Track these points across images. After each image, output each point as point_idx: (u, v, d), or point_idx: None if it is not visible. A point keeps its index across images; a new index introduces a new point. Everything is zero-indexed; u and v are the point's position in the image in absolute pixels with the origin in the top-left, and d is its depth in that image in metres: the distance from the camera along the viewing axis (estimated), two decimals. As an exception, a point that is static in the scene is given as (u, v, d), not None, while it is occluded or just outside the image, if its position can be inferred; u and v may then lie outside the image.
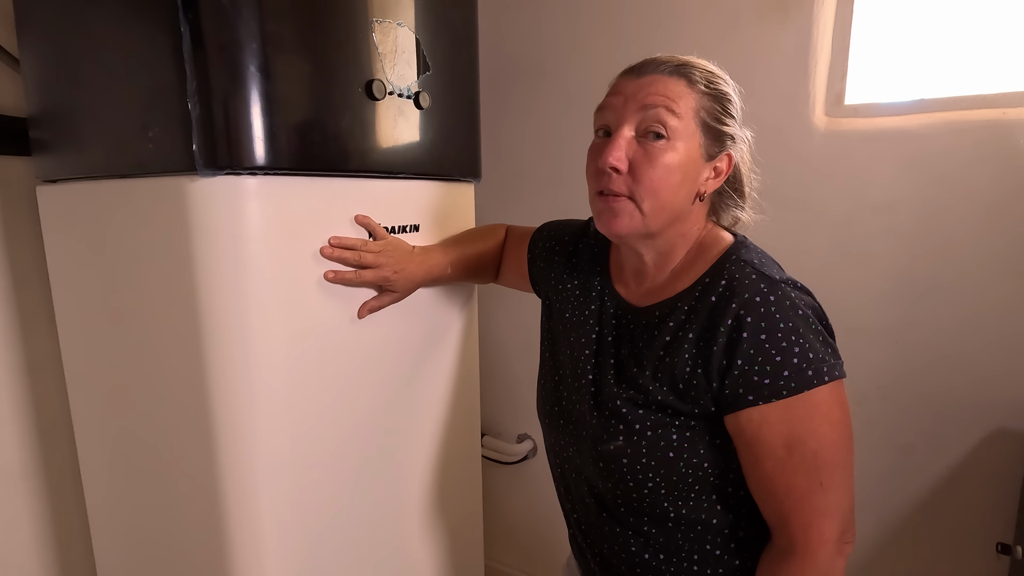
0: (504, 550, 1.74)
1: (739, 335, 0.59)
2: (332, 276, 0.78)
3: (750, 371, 0.58)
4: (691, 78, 0.62)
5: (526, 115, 1.47)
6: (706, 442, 0.63)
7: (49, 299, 0.94)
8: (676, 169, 0.62)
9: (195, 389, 0.74)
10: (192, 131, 0.65)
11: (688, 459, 0.63)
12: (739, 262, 0.64)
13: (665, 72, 0.62)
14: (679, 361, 0.62)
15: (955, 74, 1.06)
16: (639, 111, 0.62)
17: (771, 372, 0.57)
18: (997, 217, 1.03)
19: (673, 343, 0.64)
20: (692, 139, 0.62)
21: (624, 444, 0.65)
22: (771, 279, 0.61)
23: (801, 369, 0.57)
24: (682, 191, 0.64)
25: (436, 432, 1.03)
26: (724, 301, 0.61)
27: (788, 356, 0.57)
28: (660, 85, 0.62)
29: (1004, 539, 1.07)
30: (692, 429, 0.63)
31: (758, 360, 0.58)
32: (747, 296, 0.60)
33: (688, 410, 0.63)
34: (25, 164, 0.96)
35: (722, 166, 0.66)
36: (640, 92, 0.62)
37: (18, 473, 1.01)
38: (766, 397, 0.57)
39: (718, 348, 0.60)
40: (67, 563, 1.08)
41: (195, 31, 0.63)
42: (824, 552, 0.60)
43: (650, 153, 0.62)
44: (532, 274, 0.89)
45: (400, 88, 0.84)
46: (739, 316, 0.59)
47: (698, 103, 0.62)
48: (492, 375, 1.62)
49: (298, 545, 0.81)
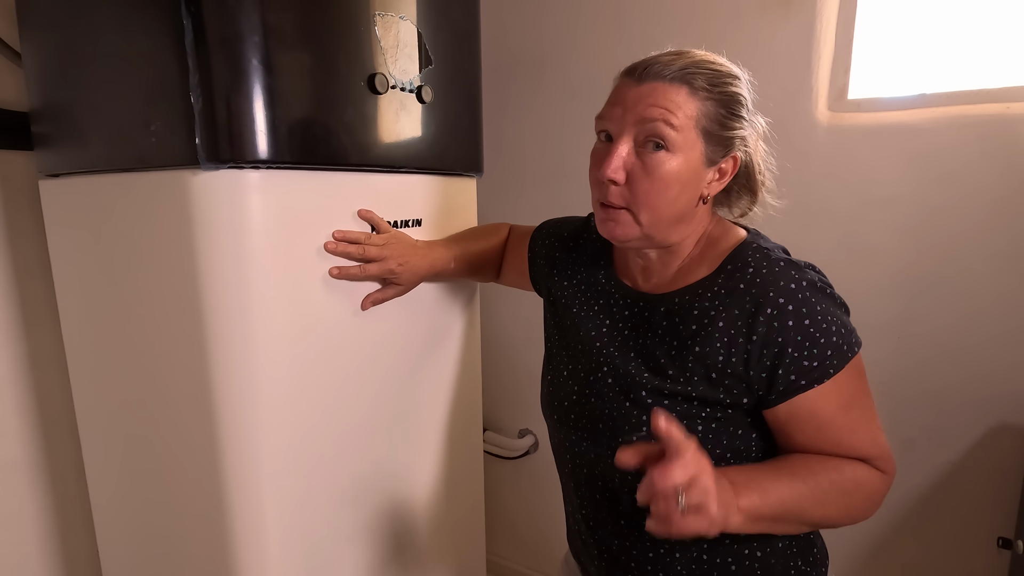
0: (505, 545, 1.74)
1: (784, 323, 0.60)
2: (336, 272, 0.78)
3: (800, 357, 0.60)
4: (693, 84, 0.61)
5: (527, 110, 1.46)
6: (729, 433, 0.64)
7: (52, 293, 0.94)
8: (674, 181, 0.62)
9: (198, 382, 0.74)
10: (195, 125, 0.65)
11: (711, 450, 0.63)
12: (761, 250, 0.65)
13: (666, 79, 0.61)
14: (711, 351, 0.63)
15: (959, 68, 1.05)
16: (638, 123, 0.61)
17: (818, 355, 0.60)
18: (1000, 212, 1.02)
19: (702, 331, 0.64)
20: (693, 149, 0.62)
21: (648, 436, 0.65)
22: (797, 264, 0.64)
23: (839, 346, 0.60)
24: (682, 200, 0.64)
25: (438, 427, 1.03)
26: (757, 288, 0.62)
27: (829, 336, 0.60)
28: (659, 95, 0.60)
29: (1005, 533, 1.07)
30: (717, 420, 0.64)
31: (805, 345, 0.60)
32: (783, 283, 0.61)
33: (718, 400, 0.63)
34: (27, 159, 0.96)
35: (727, 167, 0.65)
36: (639, 104, 0.61)
37: (22, 466, 1.01)
38: (818, 379, 0.60)
39: (759, 337, 0.61)
40: (70, 556, 1.09)
41: (197, 24, 0.63)
42: (892, 479, 0.65)
43: (648, 165, 0.61)
44: (532, 272, 0.89)
45: (402, 82, 0.84)
46: (780, 304, 0.60)
47: (700, 111, 0.61)
48: (494, 370, 1.62)
49: (300, 537, 0.81)
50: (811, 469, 0.61)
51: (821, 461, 0.62)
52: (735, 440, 0.64)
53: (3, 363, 0.98)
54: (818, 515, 0.61)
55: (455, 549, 1.11)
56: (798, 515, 0.60)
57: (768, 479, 0.59)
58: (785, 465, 0.62)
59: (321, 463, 0.82)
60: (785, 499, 0.59)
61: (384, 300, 0.85)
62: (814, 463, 0.62)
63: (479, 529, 1.19)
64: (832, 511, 0.62)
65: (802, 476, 0.60)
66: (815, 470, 0.61)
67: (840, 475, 0.61)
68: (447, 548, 1.09)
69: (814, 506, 0.60)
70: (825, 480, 0.61)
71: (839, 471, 0.61)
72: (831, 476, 0.61)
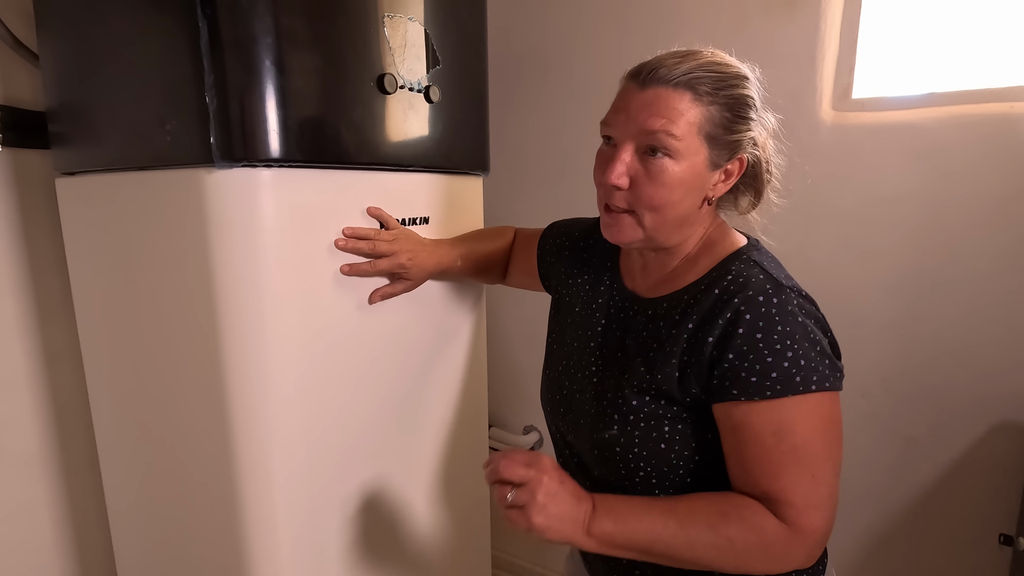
0: (510, 540, 1.76)
1: (734, 329, 0.59)
2: (347, 270, 0.80)
3: (739, 366, 0.58)
4: (697, 89, 0.60)
5: (532, 109, 1.47)
6: (698, 435, 0.64)
7: (67, 289, 0.96)
8: (677, 186, 0.62)
9: (210, 377, 0.76)
10: (209, 124, 0.67)
11: (679, 451, 0.64)
12: (749, 261, 0.65)
13: (670, 84, 0.60)
14: (677, 350, 0.63)
15: (963, 68, 1.06)
16: (639, 132, 0.61)
17: (759, 371, 0.58)
18: (1004, 211, 1.03)
19: (674, 333, 0.65)
20: (696, 155, 0.62)
21: (618, 433, 0.66)
22: (777, 282, 0.61)
23: (790, 375, 0.57)
24: (686, 203, 0.64)
25: (445, 423, 1.04)
26: (727, 295, 0.61)
27: (779, 359, 0.57)
28: (661, 104, 0.60)
29: (1006, 530, 1.08)
30: (684, 422, 0.64)
31: (748, 357, 0.58)
32: (751, 293, 0.60)
33: (682, 399, 0.64)
34: (43, 157, 0.98)
35: (732, 169, 0.66)
36: (642, 112, 0.61)
37: (37, 459, 1.03)
38: (750, 394, 0.58)
39: (713, 338, 0.60)
40: (84, 547, 1.11)
41: (212, 26, 0.65)
42: (812, 541, 0.59)
43: (651, 171, 0.62)
44: (542, 269, 0.90)
45: (410, 82, 0.85)
46: (738, 311, 0.59)
47: (703, 117, 0.61)
48: (499, 368, 1.63)
49: (310, 531, 0.83)
50: (694, 512, 0.59)
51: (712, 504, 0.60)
52: (703, 444, 0.64)
53: (19, 358, 1.00)
54: (688, 556, 0.59)
55: (461, 542, 1.12)
56: (664, 552, 0.59)
57: (636, 513, 0.59)
58: (670, 503, 0.61)
59: (331, 456, 0.84)
60: (646, 534, 0.58)
61: (393, 295, 0.86)
62: (702, 508, 0.60)
63: (485, 524, 1.20)
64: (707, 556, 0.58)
65: (679, 516, 0.59)
66: (697, 514, 0.59)
67: (726, 525, 0.58)
68: (453, 541, 1.10)
69: (684, 548, 0.58)
70: (703, 525, 0.58)
71: (725, 520, 0.58)
72: (714, 523, 0.58)
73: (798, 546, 0.59)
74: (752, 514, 0.59)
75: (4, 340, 0.97)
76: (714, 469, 0.65)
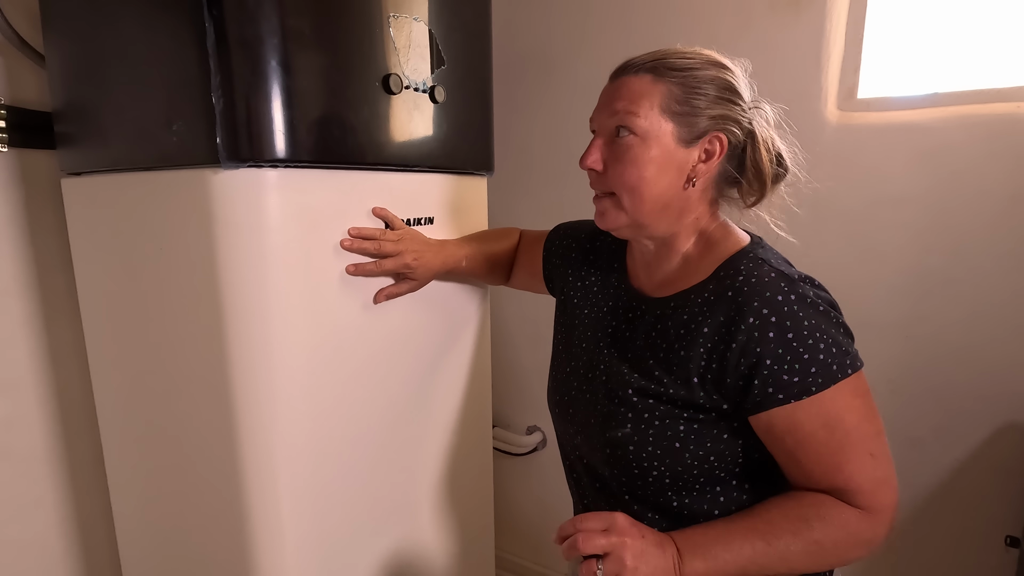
0: (513, 540, 1.76)
1: (764, 334, 0.59)
2: (353, 270, 0.80)
3: (779, 371, 0.58)
4: (657, 71, 0.64)
5: (535, 109, 1.47)
6: (713, 436, 0.64)
7: (72, 288, 0.96)
8: (647, 162, 0.64)
9: (216, 377, 0.76)
10: (216, 124, 0.67)
11: (694, 451, 0.64)
12: (756, 259, 0.65)
13: (633, 72, 0.66)
14: (694, 355, 0.63)
15: (968, 68, 1.06)
16: (610, 116, 0.66)
17: (800, 370, 0.58)
18: (1009, 212, 1.02)
19: (687, 336, 0.64)
20: (660, 130, 0.64)
21: (632, 432, 0.66)
22: (790, 277, 0.62)
23: (827, 365, 0.58)
24: (662, 182, 0.65)
25: (449, 423, 1.04)
26: (743, 297, 0.61)
27: (815, 353, 0.58)
28: (624, 88, 0.65)
29: (1012, 532, 1.07)
30: (700, 422, 0.64)
31: (786, 359, 0.58)
32: (769, 295, 0.60)
33: (698, 404, 0.63)
34: (49, 157, 0.98)
35: (713, 148, 0.65)
36: (611, 99, 0.67)
37: (42, 458, 1.04)
38: (797, 395, 0.58)
39: (737, 345, 0.60)
40: (89, 545, 1.11)
41: (219, 27, 0.65)
42: (888, 517, 0.61)
43: (617, 152, 0.66)
44: (547, 271, 0.90)
45: (416, 82, 0.85)
46: (762, 315, 0.59)
47: (663, 93, 0.64)
48: (502, 368, 1.64)
49: (314, 530, 0.83)
50: (774, 525, 0.59)
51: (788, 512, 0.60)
52: (719, 444, 0.64)
53: (24, 356, 1.00)
54: (784, 569, 0.59)
55: (465, 543, 1.12)
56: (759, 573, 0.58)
57: (720, 543, 0.59)
58: (747, 522, 0.61)
59: (336, 456, 0.84)
60: (737, 561, 0.58)
61: (398, 294, 0.86)
62: (780, 518, 0.60)
63: (488, 524, 1.20)
64: (801, 564, 0.59)
65: (762, 533, 0.59)
66: (779, 526, 0.59)
67: (810, 529, 0.58)
68: (457, 541, 1.10)
69: (777, 563, 0.58)
70: (789, 536, 0.58)
71: (807, 525, 0.59)
72: (798, 530, 0.58)
73: (879, 526, 0.60)
74: (829, 510, 0.59)
75: (10, 340, 0.98)
76: (728, 471, 0.65)
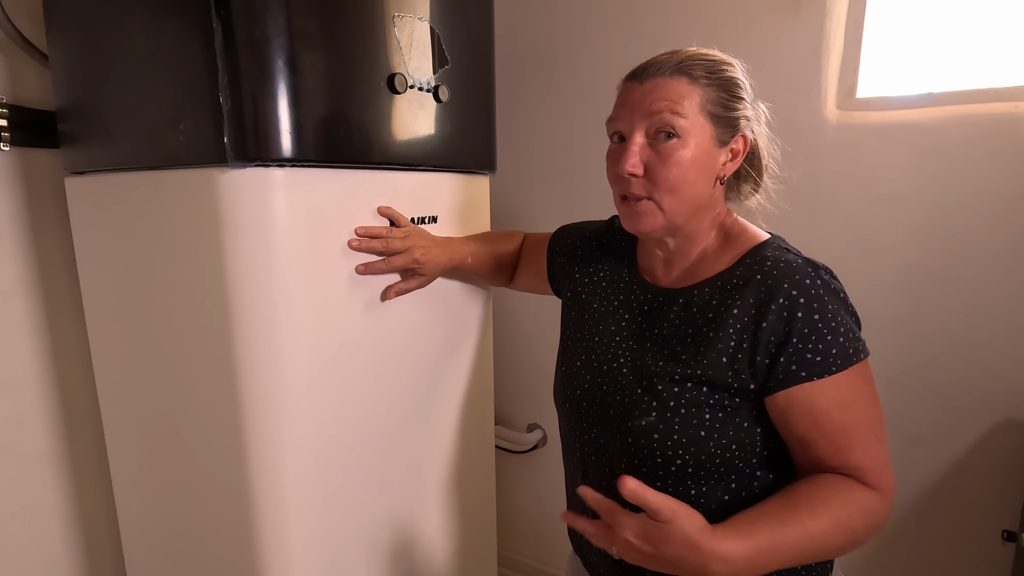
0: (514, 538, 1.77)
1: (793, 314, 0.62)
2: (363, 269, 0.81)
3: (804, 349, 0.61)
4: (692, 74, 0.65)
5: (538, 108, 1.48)
6: (735, 424, 0.66)
7: (76, 287, 0.96)
8: (691, 165, 0.65)
9: (223, 377, 0.76)
10: (223, 124, 0.67)
11: (718, 439, 0.65)
12: (782, 249, 0.68)
13: (666, 74, 0.65)
14: (724, 335, 0.65)
15: (968, 67, 1.06)
16: (646, 118, 0.65)
17: (823, 350, 0.61)
18: (1008, 210, 1.03)
19: (716, 319, 0.66)
20: (703, 132, 0.65)
21: (656, 419, 0.67)
22: (815, 264, 0.66)
23: (844, 348, 0.61)
24: (700, 182, 0.67)
25: (452, 421, 1.05)
26: (772, 279, 0.64)
27: (836, 336, 0.61)
28: (662, 89, 0.65)
29: (1009, 527, 1.09)
30: (725, 410, 0.65)
31: (811, 339, 0.61)
32: (798, 278, 0.63)
33: (726, 384, 0.65)
34: (52, 156, 0.98)
35: (738, 147, 0.69)
36: (645, 100, 0.65)
37: (46, 458, 1.04)
38: (819, 373, 0.61)
39: (768, 324, 0.62)
40: (93, 545, 1.11)
41: (227, 27, 0.65)
42: (892, 498, 0.64)
43: (663, 154, 0.65)
44: (551, 271, 0.91)
45: (420, 82, 0.85)
46: (791, 296, 0.62)
47: (703, 96, 0.65)
48: (503, 366, 1.64)
49: (320, 527, 0.83)
50: (810, 504, 0.60)
51: (816, 492, 0.61)
52: (740, 432, 0.66)
53: (28, 355, 1.00)
54: (811, 546, 0.59)
55: (467, 540, 1.13)
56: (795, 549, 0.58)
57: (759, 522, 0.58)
58: (780, 502, 0.61)
59: (342, 454, 0.84)
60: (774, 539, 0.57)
61: (407, 291, 0.87)
62: (807, 497, 0.60)
63: (491, 521, 1.21)
64: (831, 543, 0.60)
65: (796, 511, 0.59)
66: (813, 506, 0.59)
67: (839, 507, 0.60)
68: (460, 540, 1.11)
69: (805, 540, 0.58)
70: (822, 515, 0.59)
71: (837, 504, 0.60)
72: (827, 508, 0.59)
73: (885, 507, 0.63)
74: (847, 490, 0.61)
75: (13, 339, 0.98)
76: (746, 460, 0.67)
